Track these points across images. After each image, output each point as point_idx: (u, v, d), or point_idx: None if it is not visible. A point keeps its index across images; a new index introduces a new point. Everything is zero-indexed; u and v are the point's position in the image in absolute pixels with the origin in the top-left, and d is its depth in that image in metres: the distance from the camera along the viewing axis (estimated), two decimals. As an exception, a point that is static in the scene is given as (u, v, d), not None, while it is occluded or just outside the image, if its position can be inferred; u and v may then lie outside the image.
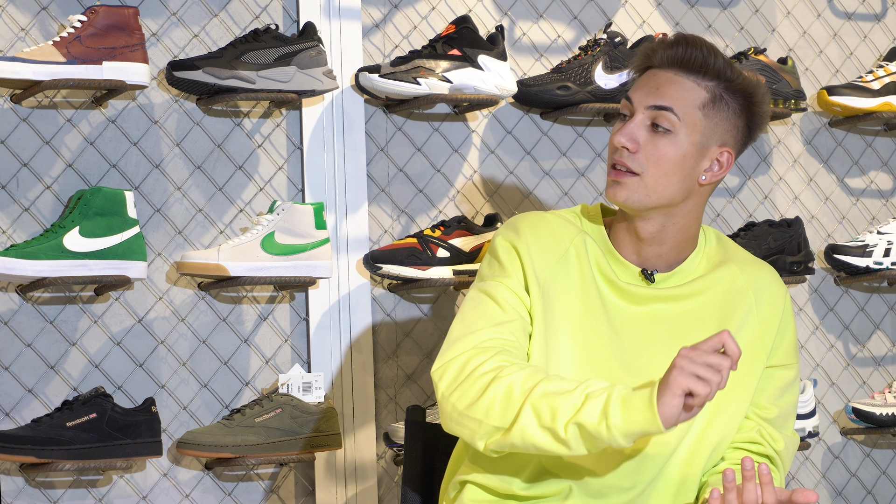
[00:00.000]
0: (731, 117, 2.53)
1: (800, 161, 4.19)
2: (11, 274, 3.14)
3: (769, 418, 2.62)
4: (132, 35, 3.27)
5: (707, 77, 2.52)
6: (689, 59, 2.51)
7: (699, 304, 2.58)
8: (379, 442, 3.61)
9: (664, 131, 2.51)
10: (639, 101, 2.53)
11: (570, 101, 3.73)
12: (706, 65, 2.51)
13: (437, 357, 2.51)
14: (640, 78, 2.57)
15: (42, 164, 3.34)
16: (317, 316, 3.56)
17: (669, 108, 2.50)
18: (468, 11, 3.78)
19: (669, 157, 2.51)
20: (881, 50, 4.32)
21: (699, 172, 2.54)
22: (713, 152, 2.54)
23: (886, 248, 4.03)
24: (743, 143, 2.58)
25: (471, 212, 3.77)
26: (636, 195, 2.52)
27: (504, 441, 2.39)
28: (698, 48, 2.51)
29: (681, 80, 2.52)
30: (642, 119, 2.52)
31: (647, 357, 2.55)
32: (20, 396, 3.30)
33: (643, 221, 2.56)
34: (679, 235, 2.58)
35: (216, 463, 3.39)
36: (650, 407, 2.25)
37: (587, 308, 2.55)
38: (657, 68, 2.55)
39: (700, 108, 2.51)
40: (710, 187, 2.57)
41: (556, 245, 2.57)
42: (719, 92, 2.52)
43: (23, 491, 3.28)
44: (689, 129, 2.51)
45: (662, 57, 2.53)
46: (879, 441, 4.24)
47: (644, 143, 2.51)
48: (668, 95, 2.51)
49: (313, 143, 3.58)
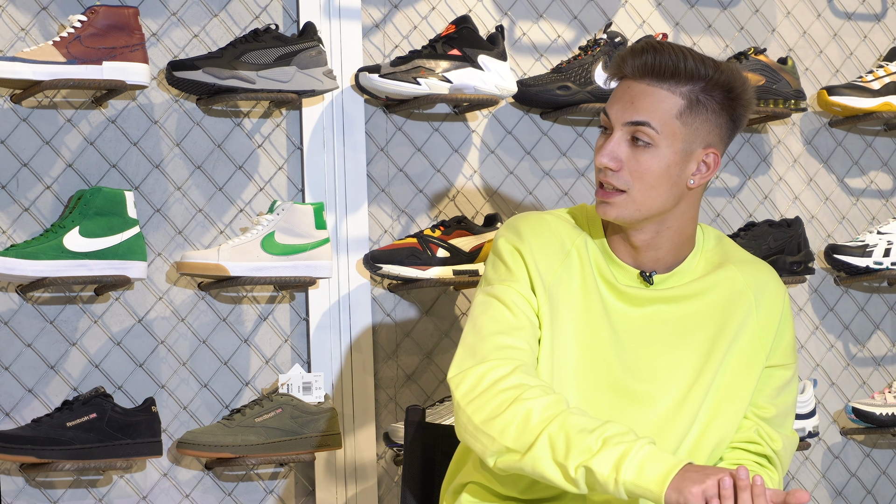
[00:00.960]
0: (711, 118, 2.50)
1: (800, 161, 4.19)
2: (11, 274, 3.14)
3: (767, 418, 2.62)
4: (132, 35, 3.27)
5: (681, 83, 2.47)
6: (659, 67, 2.46)
7: (699, 306, 2.58)
8: (379, 442, 3.61)
9: (644, 145, 2.47)
10: (616, 118, 2.49)
11: (570, 101, 3.72)
12: (678, 70, 2.46)
13: (452, 362, 2.50)
14: (615, 90, 2.53)
15: (42, 164, 3.34)
16: (317, 316, 3.56)
17: (646, 122, 2.47)
18: (468, 11, 3.78)
19: (653, 170, 2.48)
20: (881, 50, 4.32)
21: (686, 178, 2.52)
22: (698, 155, 2.51)
23: (886, 248, 4.03)
24: (728, 138, 2.55)
25: (471, 212, 3.77)
26: (626, 211, 2.51)
27: (514, 464, 2.38)
28: (667, 54, 2.46)
29: (654, 90, 2.47)
30: (621, 135, 2.49)
31: (648, 359, 2.55)
32: (20, 396, 3.30)
33: (636, 231, 2.55)
34: (675, 238, 2.57)
35: (216, 463, 3.39)
36: (664, 481, 2.25)
37: (589, 310, 2.55)
38: (630, 79, 2.50)
39: (677, 116, 2.47)
40: (700, 189, 2.56)
41: (559, 246, 2.57)
42: (695, 96, 2.47)
43: (23, 491, 3.28)
44: (669, 139, 2.48)
45: (633, 67, 2.49)
46: (879, 441, 4.24)
47: (626, 160, 2.48)
48: (643, 109, 2.47)
49: (313, 143, 3.58)
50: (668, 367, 2.54)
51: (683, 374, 2.55)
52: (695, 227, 2.60)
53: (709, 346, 2.56)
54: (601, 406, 2.52)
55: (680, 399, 2.54)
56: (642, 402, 2.53)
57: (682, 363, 2.55)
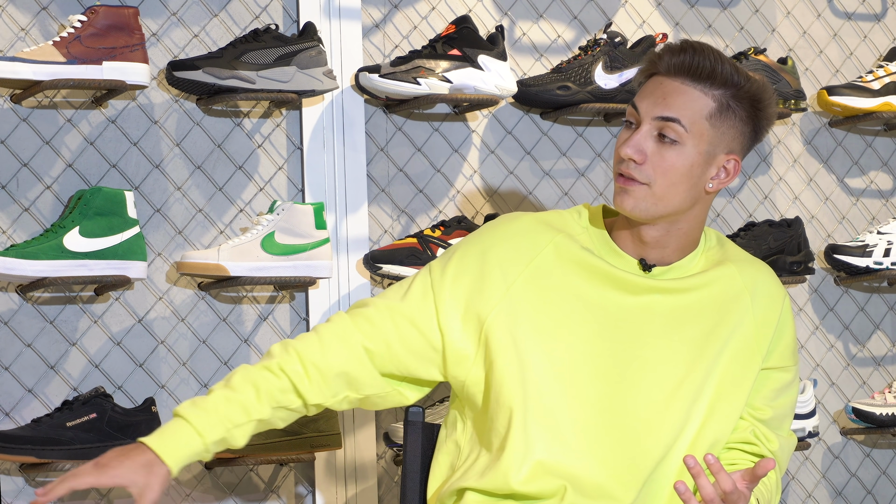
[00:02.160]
0: (738, 125, 2.52)
1: (800, 161, 4.19)
2: (11, 274, 3.15)
3: (764, 419, 2.62)
4: (132, 35, 3.27)
5: (715, 86, 2.49)
6: (696, 68, 2.49)
7: (694, 300, 2.58)
8: (379, 442, 3.61)
9: (671, 142, 2.49)
10: (645, 111, 2.51)
11: (570, 101, 3.73)
12: (714, 73, 2.49)
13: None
14: (645, 85, 2.54)
15: (42, 164, 3.34)
16: (317, 316, 3.56)
17: (677, 119, 2.49)
18: (468, 11, 3.78)
19: (677, 168, 2.50)
20: (881, 50, 4.32)
21: (706, 180, 2.53)
22: (720, 160, 2.53)
23: (886, 248, 4.03)
24: (748, 149, 2.57)
25: (471, 212, 3.77)
26: (644, 204, 2.51)
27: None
28: (706, 56, 2.49)
29: (688, 89, 2.50)
30: (649, 129, 2.50)
31: (638, 348, 2.54)
32: (20, 396, 3.30)
33: (648, 227, 2.55)
34: (682, 239, 2.58)
35: (216, 463, 3.39)
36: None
37: (570, 302, 2.54)
38: (663, 76, 2.52)
39: (707, 118, 2.49)
40: (715, 194, 2.57)
41: (528, 247, 2.56)
42: (726, 101, 2.50)
43: (23, 491, 3.29)
44: (696, 139, 2.49)
45: (669, 64, 2.51)
46: (879, 441, 4.24)
47: (651, 154, 2.50)
48: (675, 106, 2.49)
49: (313, 143, 3.58)
50: (659, 360, 2.54)
51: (674, 367, 2.54)
52: (701, 231, 2.61)
53: (701, 342, 2.56)
54: (586, 397, 2.51)
55: (670, 393, 2.53)
56: (629, 392, 2.53)
57: (673, 356, 2.55)
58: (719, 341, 2.57)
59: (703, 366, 2.55)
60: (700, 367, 2.55)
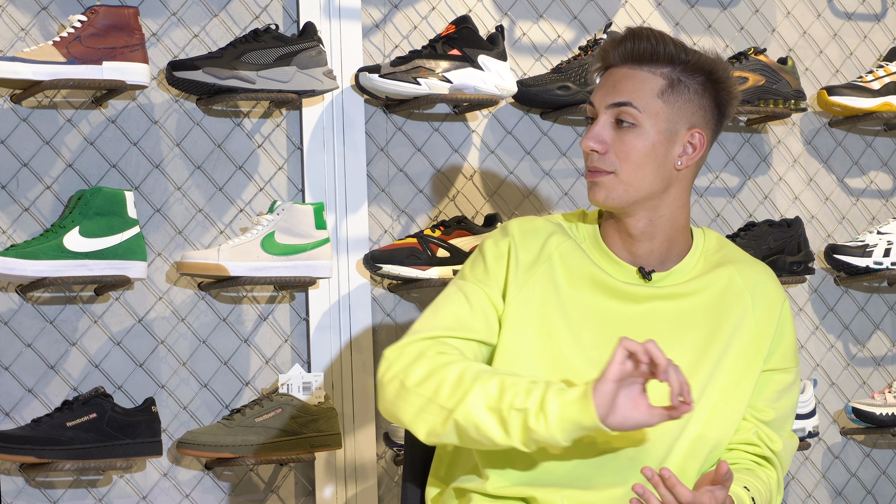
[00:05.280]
0: (693, 98, 2.55)
1: (800, 161, 4.19)
2: (11, 274, 3.15)
3: (766, 421, 2.62)
4: (132, 35, 3.27)
5: (660, 64, 2.54)
6: (638, 52, 2.54)
7: (695, 303, 2.58)
8: (379, 442, 3.61)
9: (629, 126, 2.53)
10: (599, 103, 2.56)
11: (570, 101, 3.73)
12: (656, 53, 2.53)
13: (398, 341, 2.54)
14: (600, 80, 2.60)
15: (42, 164, 3.34)
16: (317, 316, 3.56)
17: (628, 102, 2.53)
18: (468, 11, 3.78)
19: (638, 150, 2.53)
20: (881, 50, 4.32)
21: (673, 159, 2.55)
22: (683, 136, 2.55)
23: (886, 248, 4.03)
24: (716, 122, 2.59)
25: (471, 212, 3.77)
26: (615, 192, 2.54)
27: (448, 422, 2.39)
28: (646, 39, 2.54)
29: (635, 73, 2.54)
30: (606, 119, 2.55)
31: None
32: (20, 396, 3.30)
33: (630, 219, 2.57)
34: (668, 228, 2.59)
35: (216, 463, 3.39)
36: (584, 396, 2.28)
37: (572, 311, 2.55)
38: (613, 67, 2.58)
39: (659, 95, 2.53)
40: (689, 172, 2.58)
41: (539, 250, 2.58)
42: (676, 76, 2.53)
43: (23, 491, 3.29)
44: (652, 118, 2.53)
45: (615, 55, 2.57)
46: (879, 441, 4.24)
47: (612, 142, 2.54)
48: (625, 90, 2.53)
49: (313, 143, 3.58)
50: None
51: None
52: (687, 218, 2.62)
53: (704, 345, 2.57)
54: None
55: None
56: None
57: (676, 360, 2.55)
58: (721, 343, 2.57)
59: (705, 369, 2.56)
60: (702, 370, 2.56)
